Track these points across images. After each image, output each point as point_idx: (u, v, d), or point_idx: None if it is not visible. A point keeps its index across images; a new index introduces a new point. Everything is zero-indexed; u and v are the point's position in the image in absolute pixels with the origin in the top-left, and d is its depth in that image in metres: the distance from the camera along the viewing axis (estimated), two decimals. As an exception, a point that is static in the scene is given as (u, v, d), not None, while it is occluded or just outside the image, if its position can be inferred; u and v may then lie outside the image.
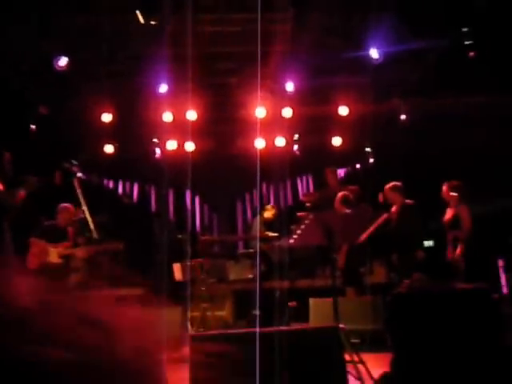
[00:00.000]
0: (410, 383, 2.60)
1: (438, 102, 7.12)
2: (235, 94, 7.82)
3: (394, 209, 5.84)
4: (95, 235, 4.27)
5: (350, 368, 2.78)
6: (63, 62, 6.25)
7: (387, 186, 5.83)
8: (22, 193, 3.85)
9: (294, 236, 3.08)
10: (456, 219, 5.37)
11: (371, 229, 3.22)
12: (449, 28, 6.03)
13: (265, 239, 6.47)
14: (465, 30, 6.09)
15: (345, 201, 5.32)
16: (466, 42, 6.10)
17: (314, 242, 3.63)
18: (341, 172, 8.94)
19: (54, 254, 5.33)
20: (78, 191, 4.00)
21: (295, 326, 3.41)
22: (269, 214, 7.35)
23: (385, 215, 3.15)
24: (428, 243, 7.19)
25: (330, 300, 3.52)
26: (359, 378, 2.77)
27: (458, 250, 5.20)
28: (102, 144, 8.13)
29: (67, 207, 5.46)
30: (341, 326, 2.87)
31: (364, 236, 3.30)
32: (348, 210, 4.81)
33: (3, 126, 6.14)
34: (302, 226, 3.03)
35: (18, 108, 6.67)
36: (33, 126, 7.16)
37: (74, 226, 4.99)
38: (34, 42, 5.92)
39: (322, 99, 7.91)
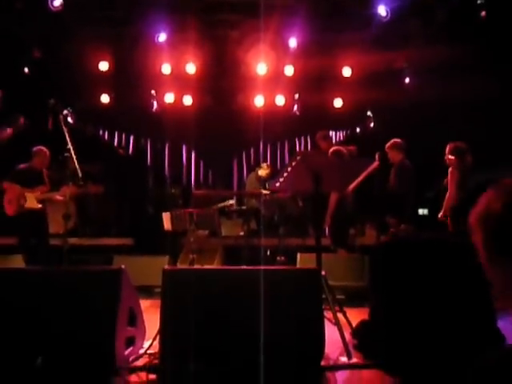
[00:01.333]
0: (387, 329, 2.62)
1: (444, 55, 6.85)
2: (236, 48, 7.62)
3: (392, 169, 5.77)
4: (79, 179, 4.18)
5: (328, 315, 2.79)
6: (58, 2, 6.02)
7: (388, 144, 5.74)
8: (8, 131, 3.75)
9: (281, 179, 3.02)
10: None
11: (361, 177, 3.15)
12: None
13: (257, 196, 6.42)
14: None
15: (336, 153, 5.23)
16: (478, 1, 5.85)
17: (301, 187, 3.58)
18: (340, 134, 8.86)
19: (31, 199, 5.21)
20: (64, 129, 3.90)
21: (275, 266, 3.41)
22: (263, 172, 7.29)
23: (376, 163, 3.07)
24: (423, 211, 7.16)
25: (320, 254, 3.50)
26: (337, 323, 2.78)
27: (441, 213, 5.12)
28: (99, 93, 7.97)
29: (42, 150, 5.32)
30: (322, 273, 2.86)
31: (353, 185, 3.25)
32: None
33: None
34: (289, 169, 2.97)
35: (10, 48, 6.48)
36: (26, 69, 6.99)
37: (58, 167, 4.89)
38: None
39: (326, 57, 7.71)
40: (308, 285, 2.32)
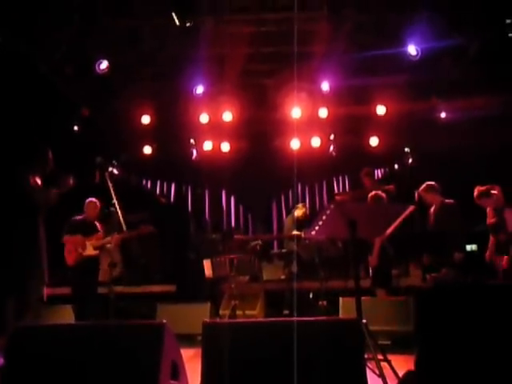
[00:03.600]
0: (435, 381, 2.50)
1: (479, 100, 6.85)
2: (270, 94, 7.85)
3: (432, 209, 5.67)
4: (123, 230, 4.37)
5: (372, 365, 2.71)
6: (104, 65, 6.49)
7: (421, 188, 5.67)
8: (55, 191, 4.00)
9: (316, 227, 3.04)
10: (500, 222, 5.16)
11: (397, 221, 3.12)
12: (490, 19, 5.78)
13: (297, 239, 6.43)
14: (509, 21, 5.81)
15: (376, 199, 5.21)
16: (511, 35, 5.81)
17: (336, 234, 3.58)
18: (378, 173, 8.81)
19: (89, 247, 5.44)
20: (110, 185, 4.13)
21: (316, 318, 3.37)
22: (299, 212, 7.32)
23: (411, 207, 3.04)
24: (471, 247, 6.95)
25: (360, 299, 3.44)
26: (381, 374, 2.69)
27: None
28: (141, 145, 8.36)
29: (93, 201, 5.59)
30: (363, 320, 2.81)
31: (390, 229, 3.21)
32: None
33: (47, 127, 6.45)
34: (324, 217, 3.00)
35: (62, 109, 6.97)
36: (75, 127, 7.47)
37: (104, 220, 5.12)
38: (77, 45, 6.17)
39: (358, 99, 7.80)
40: (348, 337, 2.29)
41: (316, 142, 8.36)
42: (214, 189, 9.15)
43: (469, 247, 6.72)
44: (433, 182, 5.65)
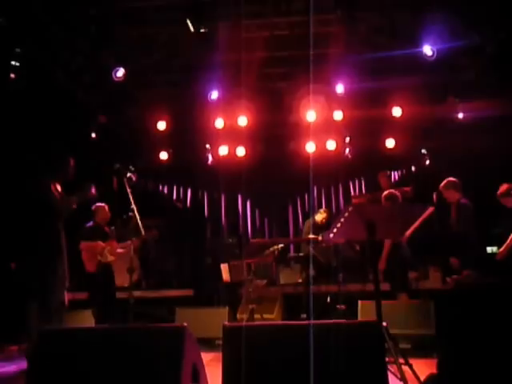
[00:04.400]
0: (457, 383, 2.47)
1: (497, 100, 6.78)
2: (285, 98, 7.86)
3: (452, 208, 5.61)
4: (141, 235, 4.43)
5: (393, 369, 2.69)
6: (120, 73, 6.59)
7: (442, 184, 5.61)
8: (75, 199, 4.07)
9: (334, 230, 3.04)
10: None
11: (417, 223, 3.10)
12: (507, 18, 5.72)
13: (315, 243, 6.42)
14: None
15: (389, 198, 5.17)
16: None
17: (354, 237, 3.56)
18: (395, 175, 8.75)
19: (107, 253, 5.50)
20: (128, 191, 4.18)
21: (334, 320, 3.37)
22: (320, 217, 7.31)
23: (431, 208, 3.01)
24: (491, 249, 6.87)
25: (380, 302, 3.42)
26: (402, 378, 2.67)
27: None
28: (158, 151, 8.43)
29: (101, 206, 5.61)
30: (384, 323, 2.79)
31: (409, 231, 3.19)
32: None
33: (66, 134, 6.56)
34: (342, 219, 2.99)
35: (80, 117, 7.09)
36: (93, 135, 7.59)
37: (123, 225, 5.17)
38: (94, 54, 6.28)
39: (374, 101, 7.76)
40: (368, 340, 2.27)
41: (331, 144, 8.34)
42: (229, 193, 9.19)
43: (490, 249, 6.64)
44: (454, 179, 5.58)
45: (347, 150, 8.36)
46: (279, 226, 9.07)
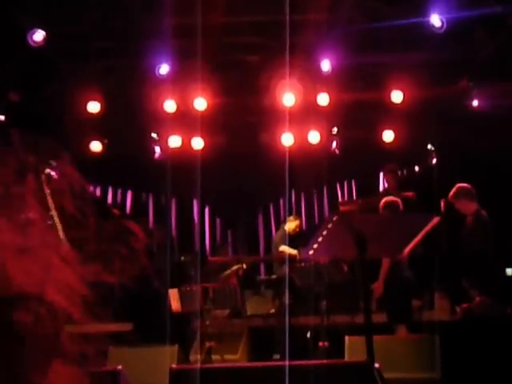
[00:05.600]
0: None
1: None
2: (255, 76, 7.93)
3: (466, 221, 5.76)
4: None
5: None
6: (39, 36, 6.47)
7: (451, 193, 5.75)
8: None
9: (315, 245, 3.05)
10: None
11: (419, 237, 3.16)
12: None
13: (291, 262, 6.50)
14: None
15: (388, 206, 5.29)
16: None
17: (341, 255, 3.62)
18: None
19: None
20: (46, 192, 4.11)
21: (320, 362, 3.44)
22: (291, 226, 7.43)
23: (436, 219, 3.08)
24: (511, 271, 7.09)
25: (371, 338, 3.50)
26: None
27: None
28: (88, 140, 8.34)
29: None
30: (376, 364, 2.84)
31: (409, 247, 3.25)
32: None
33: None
34: (324, 232, 2.99)
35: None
36: (1, 117, 7.42)
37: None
38: (2, 9, 6.16)
39: (368, 82, 7.93)
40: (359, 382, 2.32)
41: (314, 136, 8.45)
42: (182, 197, 9.18)
43: (509, 271, 6.86)
44: (466, 185, 5.71)
45: (334, 144, 8.49)
46: (246, 240, 9.10)
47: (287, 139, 8.34)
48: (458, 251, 6.00)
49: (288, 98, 7.89)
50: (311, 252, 3.17)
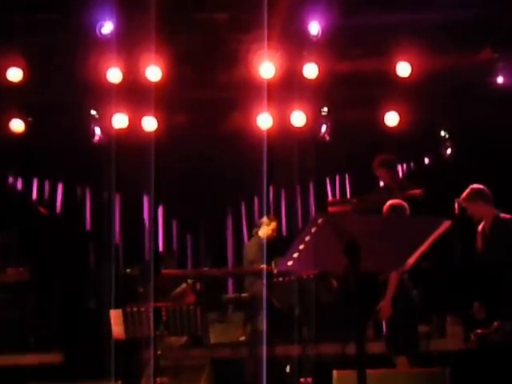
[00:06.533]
0: None
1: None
2: (224, 40, 7.91)
3: (481, 227, 5.89)
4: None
5: None
6: None
7: (463, 195, 5.90)
8: None
9: (294, 255, 3.05)
10: None
11: (425, 246, 3.19)
12: None
13: (266, 275, 6.53)
14: None
15: (394, 209, 5.38)
16: None
17: (328, 267, 3.65)
18: (398, 168, 9.02)
19: None
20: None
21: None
22: (266, 230, 7.46)
23: (447, 223, 3.11)
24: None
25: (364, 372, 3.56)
26: None
27: None
28: (7, 118, 8.26)
29: None
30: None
31: (413, 258, 3.28)
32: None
33: None
34: (307, 238, 3.00)
35: None
36: None
37: None
38: None
39: (367, 50, 7.96)
40: None
41: (299, 118, 8.47)
42: (129, 193, 9.17)
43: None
44: (480, 186, 5.86)
45: (323, 128, 8.52)
46: (211, 249, 9.11)
47: (264, 121, 8.34)
48: (474, 265, 6.11)
49: (266, 69, 7.88)
50: (290, 263, 3.13)
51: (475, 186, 5.88)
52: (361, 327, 3.62)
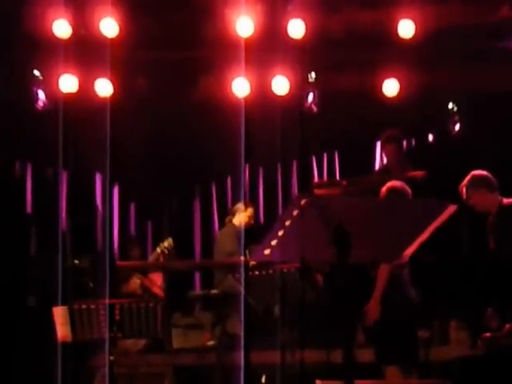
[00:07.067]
0: None
1: None
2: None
3: (490, 217, 5.98)
4: None
5: None
6: None
7: (464, 181, 5.99)
8: None
9: (273, 242, 3.10)
10: None
11: (426, 233, 3.24)
12: None
13: (243, 268, 6.62)
14: None
15: (393, 191, 5.43)
16: None
17: (311, 256, 3.67)
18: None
19: None
20: None
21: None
22: (241, 218, 7.58)
23: (452, 208, 3.15)
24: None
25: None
26: None
27: None
28: None
29: None
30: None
31: (412, 248, 3.32)
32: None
33: None
34: (288, 222, 3.04)
35: None
36: None
37: None
38: None
39: (365, 4, 7.97)
40: None
41: (281, 84, 8.48)
42: (79, 170, 9.12)
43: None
44: (483, 173, 5.94)
45: (310, 97, 8.53)
46: (175, 237, 9.08)
47: (241, 87, 8.36)
48: (485, 259, 6.20)
49: (243, 25, 7.89)
50: (267, 252, 3.18)
51: (477, 172, 5.97)
52: (349, 331, 3.69)
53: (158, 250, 7.72)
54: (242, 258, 6.83)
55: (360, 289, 5.32)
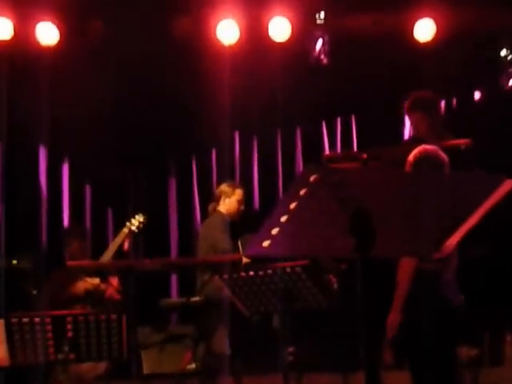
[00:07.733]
0: None
1: None
2: None
3: None
4: None
5: None
6: None
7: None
8: None
9: (273, 231, 3.10)
10: None
11: (474, 218, 3.16)
12: None
13: (236, 266, 6.62)
14: None
15: (421, 161, 5.29)
16: None
17: (324, 251, 3.61)
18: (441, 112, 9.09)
19: None
20: None
21: None
22: (228, 203, 7.56)
23: (508, 184, 3.11)
24: None
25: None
26: None
27: None
28: None
29: None
30: None
31: (457, 236, 3.25)
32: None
33: None
34: (292, 205, 3.05)
35: None
36: None
37: None
38: None
39: None
40: None
41: (281, 28, 8.46)
42: (16, 142, 9.08)
43: None
44: None
45: (319, 44, 8.49)
46: (143, 228, 9.06)
47: (228, 31, 8.39)
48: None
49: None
50: (267, 244, 3.17)
51: None
52: (372, 348, 3.59)
53: (125, 229, 7.75)
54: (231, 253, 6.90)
55: (387, 293, 5.35)
